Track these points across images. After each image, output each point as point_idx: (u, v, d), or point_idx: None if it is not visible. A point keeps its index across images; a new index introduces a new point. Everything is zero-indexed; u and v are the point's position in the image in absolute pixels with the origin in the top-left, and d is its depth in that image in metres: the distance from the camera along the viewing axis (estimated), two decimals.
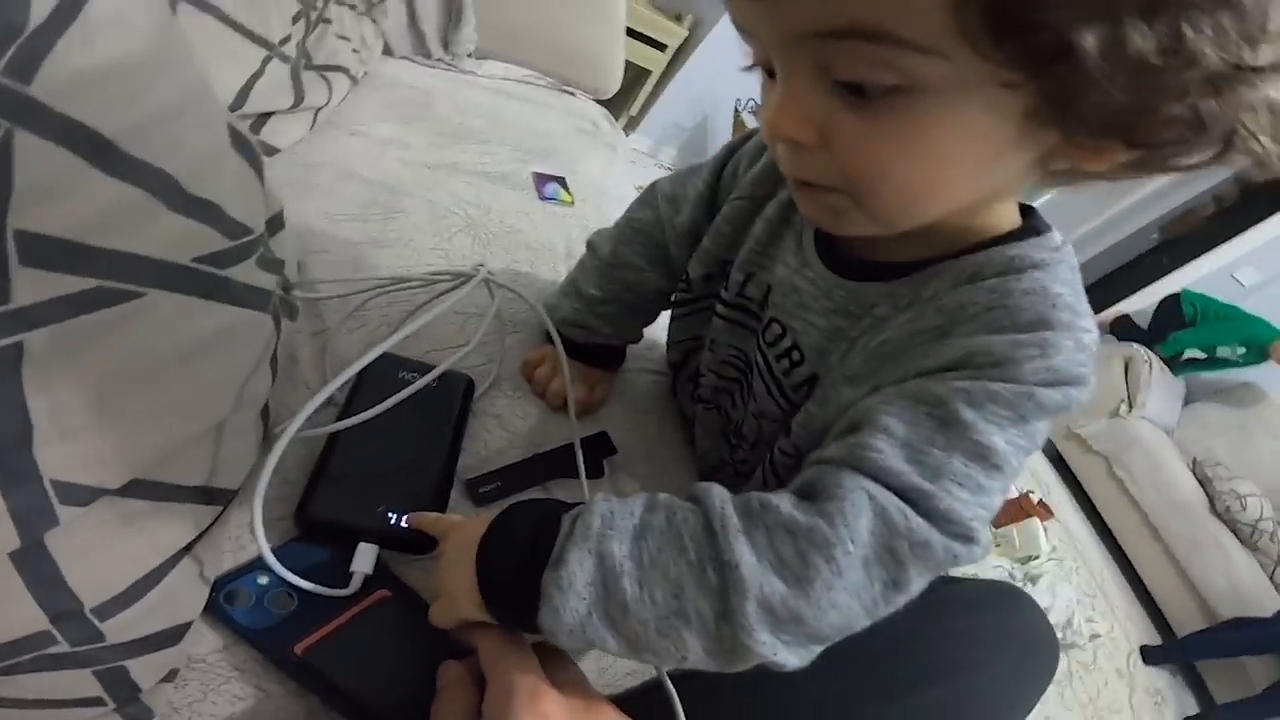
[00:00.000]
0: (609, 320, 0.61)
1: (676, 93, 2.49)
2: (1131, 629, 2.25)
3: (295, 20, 0.73)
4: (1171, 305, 2.94)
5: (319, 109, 0.78)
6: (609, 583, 0.30)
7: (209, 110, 0.33)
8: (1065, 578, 1.93)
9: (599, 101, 1.48)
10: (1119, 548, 2.57)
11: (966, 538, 0.30)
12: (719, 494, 0.32)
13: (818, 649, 0.31)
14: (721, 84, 2.46)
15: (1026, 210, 0.39)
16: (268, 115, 0.69)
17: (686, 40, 2.34)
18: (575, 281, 0.62)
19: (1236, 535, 2.37)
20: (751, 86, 0.41)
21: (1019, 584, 1.67)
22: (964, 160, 0.30)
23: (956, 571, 0.33)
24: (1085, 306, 0.35)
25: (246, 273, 0.35)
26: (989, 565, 1.67)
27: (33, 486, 0.24)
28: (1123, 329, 3.09)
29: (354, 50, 0.88)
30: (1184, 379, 2.90)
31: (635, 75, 2.43)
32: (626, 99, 2.49)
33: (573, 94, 1.37)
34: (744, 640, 0.28)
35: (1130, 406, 2.66)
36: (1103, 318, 3.20)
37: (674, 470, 0.64)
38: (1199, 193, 3.72)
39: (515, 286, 0.59)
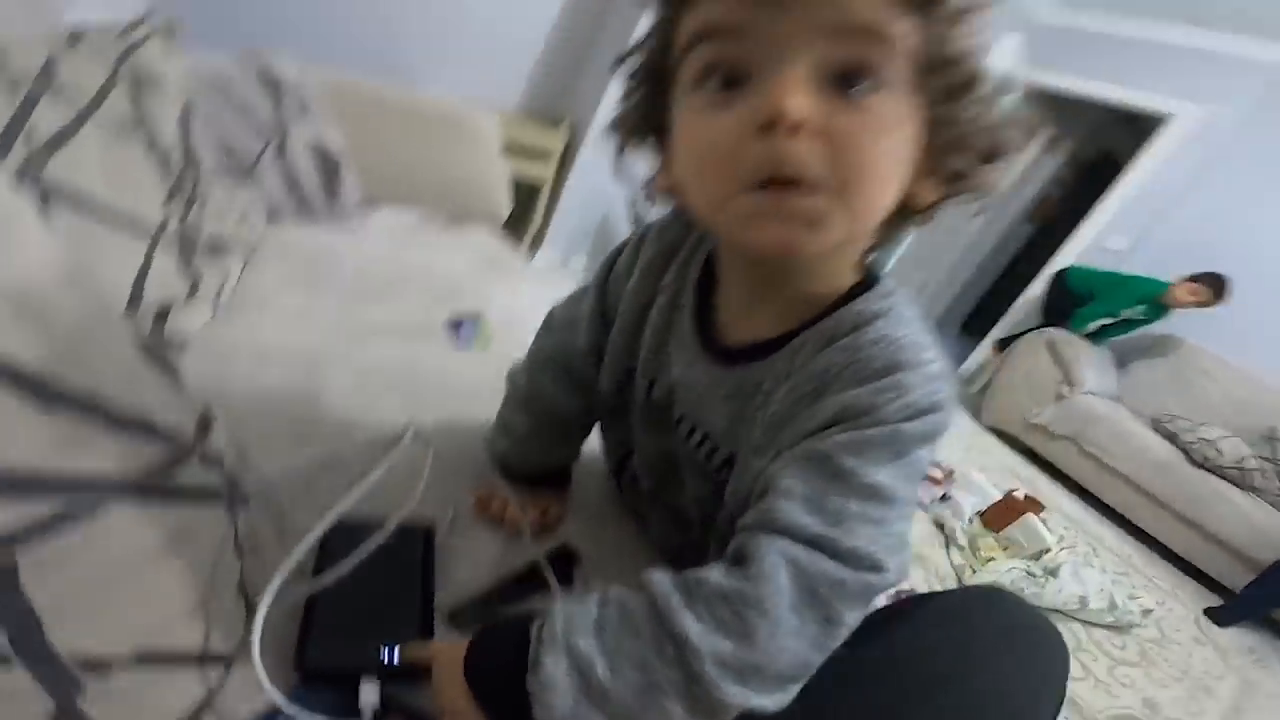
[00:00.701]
0: (542, 450, 0.67)
1: (571, 199, 2.66)
2: (1184, 595, 2.30)
3: (168, 202, 0.76)
4: (1059, 285, 3.26)
5: (218, 291, 0.81)
6: (584, 672, 0.36)
7: (114, 325, 0.38)
8: (1085, 562, 1.97)
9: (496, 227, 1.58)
10: (1128, 522, 2.66)
11: (875, 568, 0.37)
12: (659, 579, 0.39)
13: (793, 687, 0.37)
14: (612, 181, 2.65)
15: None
16: (166, 308, 0.72)
17: (569, 145, 2.52)
18: (503, 418, 0.68)
19: (1227, 480, 2.51)
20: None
21: (1040, 579, 1.72)
22: (901, 163, 0.39)
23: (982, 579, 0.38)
24: (927, 339, 0.43)
25: (191, 474, 0.38)
26: (1004, 570, 1.71)
27: (55, 663, 0.30)
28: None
29: (237, 223, 0.93)
30: (1106, 347, 3.14)
31: (528, 190, 2.58)
32: (525, 216, 2.63)
33: (468, 226, 1.46)
34: (716, 695, 0.35)
35: (1071, 386, 2.85)
36: (986, 352, 3.61)
37: (637, 565, 0.66)
38: (1042, 184, 4.27)
39: (448, 434, 0.65)
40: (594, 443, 0.74)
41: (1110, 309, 3.05)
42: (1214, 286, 2.77)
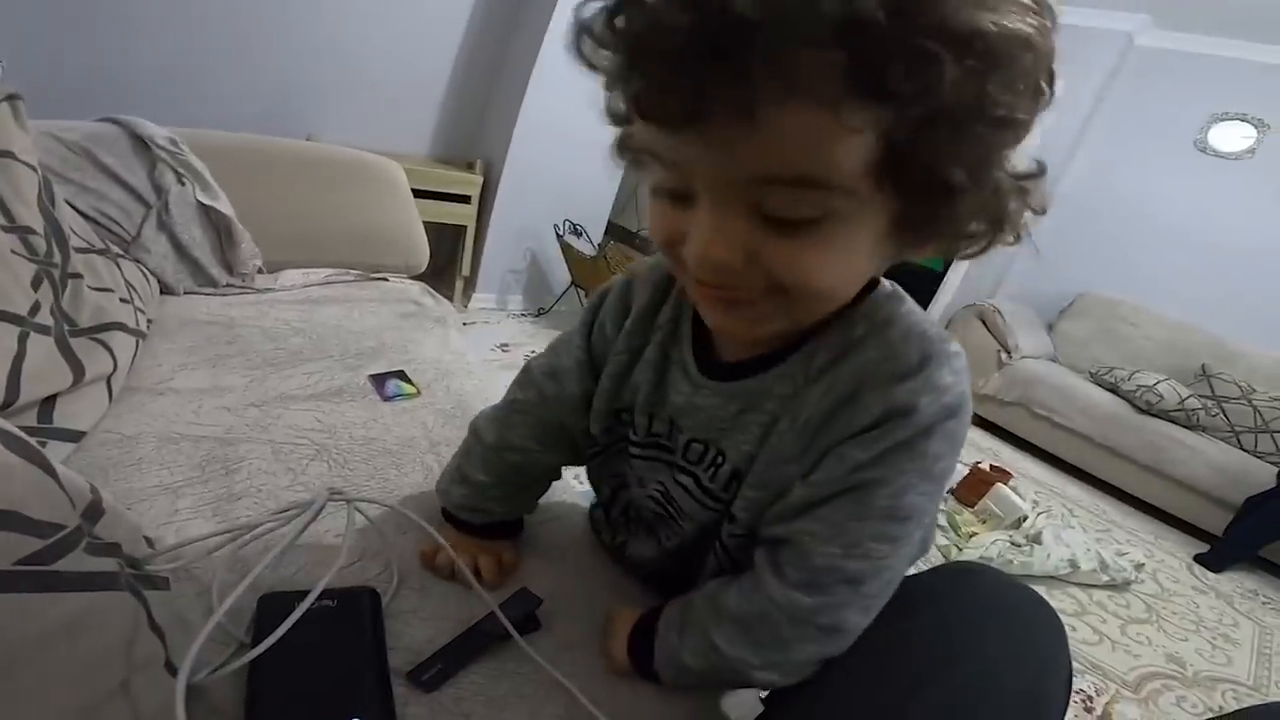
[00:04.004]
0: (501, 501, 0.66)
1: (497, 239, 2.66)
2: (1169, 545, 2.39)
3: (37, 285, 0.70)
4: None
5: (108, 377, 0.76)
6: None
7: None
8: (1065, 524, 2.04)
9: (420, 277, 1.54)
10: (1094, 478, 2.79)
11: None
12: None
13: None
14: (536, 216, 2.68)
15: None
16: (52, 399, 0.67)
17: (485, 185, 2.53)
18: (461, 468, 0.67)
19: (1175, 424, 2.66)
20: (564, 209, 0.49)
21: (1026, 548, 1.76)
22: (862, 262, 0.40)
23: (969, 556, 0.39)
24: (939, 328, 0.46)
25: (78, 562, 0.37)
26: (988, 543, 1.75)
27: None
28: None
29: (122, 300, 0.87)
30: (1033, 310, 3.35)
31: (453, 235, 2.57)
32: (453, 263, 2.60)
33: (385, 279, 1.42)
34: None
35: (1009, 352, 3.01)
36: None
37: (600, 600, 0.66)
38: None
39: (383, 493, 0.64)
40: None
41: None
42: None
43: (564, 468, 0.72)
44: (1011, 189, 0.37)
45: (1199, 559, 2.29)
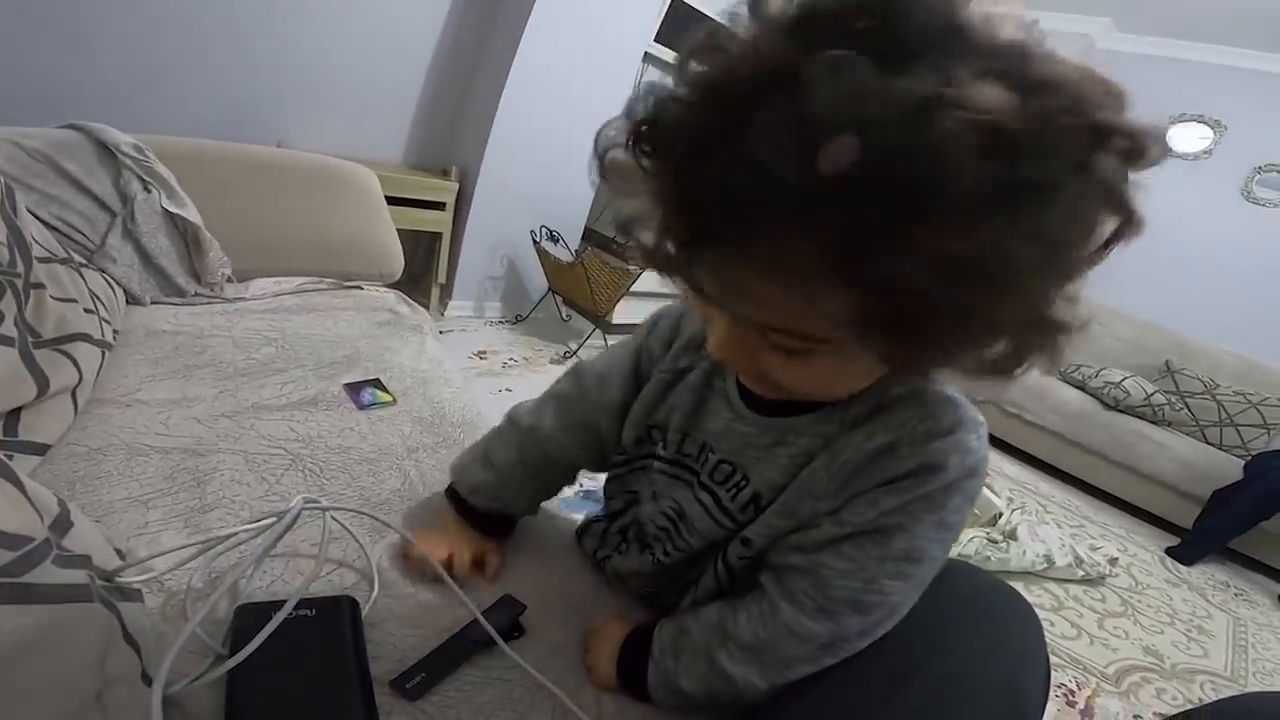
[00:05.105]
0: (516, 485, 0.68)
1: (474, 246, 2.64)
2: (1141, 539, 2.44)
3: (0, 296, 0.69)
4: None
5: (73, 389, 0.74)
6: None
7: None
8: (1039, 520, 2.07)
9: (396, 285, 1.52)
10: (1065, 474, 2.85)
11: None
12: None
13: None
14: (512, 222, 2.67)
15: None
16: (17, 411, 0.66)
17: (460, 191, 2.51)
18: (488, 452, 0.69)
19: (1142, 419, 2.73)
20: (541, 215, 0.49)
21: (1002, 545, 1.80)
22: (859, 380, 0.46)
23: None
24: (964, 398, 0.50)
25: (47, 574, 0.37)
26: (965, 541, 1.79)
27: None
28: None
29: (87, 311, 0.86)
30: None
31: (428, 242, 2.55)
32: (429, 270, 2.59)
33: (359, 287, 1.41)
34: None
35: None
36: None
37: (588, 603, 0.67)
38: None
39: (356, 503, 0.64)
40: None
41: None
42: None
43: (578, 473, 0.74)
44: (1037, 338, 0.40)
45: (1170, 552, 2.35)
